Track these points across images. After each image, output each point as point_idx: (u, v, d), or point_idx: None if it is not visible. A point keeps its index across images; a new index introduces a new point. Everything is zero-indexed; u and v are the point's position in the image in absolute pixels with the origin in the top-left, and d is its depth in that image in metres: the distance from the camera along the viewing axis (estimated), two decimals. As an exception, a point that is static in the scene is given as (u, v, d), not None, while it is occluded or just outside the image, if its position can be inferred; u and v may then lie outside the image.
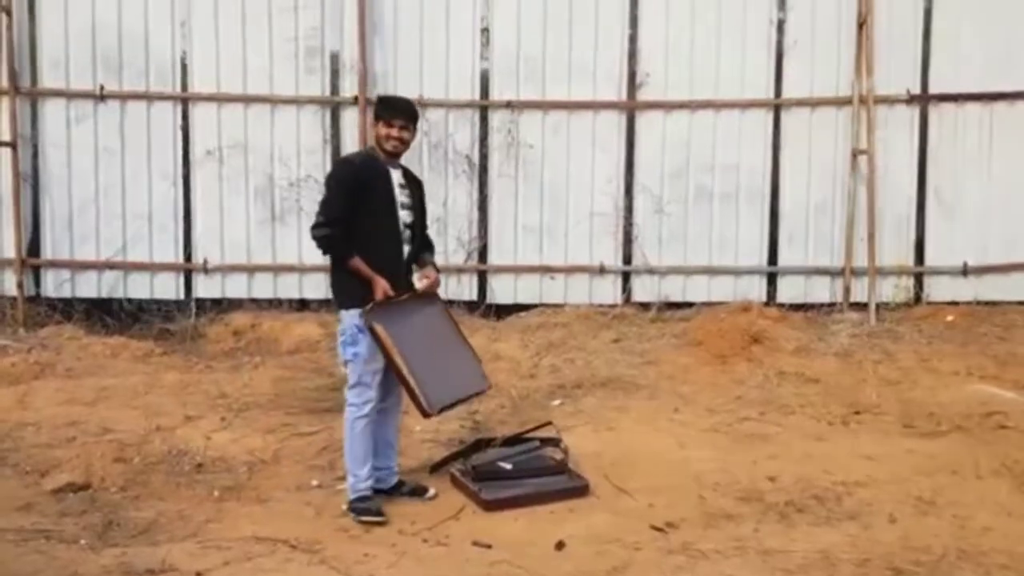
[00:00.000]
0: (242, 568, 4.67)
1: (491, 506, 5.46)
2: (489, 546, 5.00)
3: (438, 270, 5.73)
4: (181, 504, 5.52)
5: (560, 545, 5.01)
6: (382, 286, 5.17)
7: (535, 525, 5.29)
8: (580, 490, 5.71)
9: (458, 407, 5.74)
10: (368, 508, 5.31)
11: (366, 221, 5.23)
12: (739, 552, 4.92)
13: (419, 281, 5.55)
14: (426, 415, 5.31)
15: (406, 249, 5.45)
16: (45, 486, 5.70)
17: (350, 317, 5.27)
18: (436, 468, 5.99)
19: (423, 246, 5.66)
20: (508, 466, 5.78)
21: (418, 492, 5.66)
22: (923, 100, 9.69)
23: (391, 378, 5.38)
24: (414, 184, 5.61)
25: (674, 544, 5.03)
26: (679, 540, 5.08)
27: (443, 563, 4.80)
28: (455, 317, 8.72)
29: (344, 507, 5.39)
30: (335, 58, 9.72)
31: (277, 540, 5.00)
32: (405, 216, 5.43)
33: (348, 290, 5.31)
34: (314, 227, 5.30)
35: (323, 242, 5.32)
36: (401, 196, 5.43)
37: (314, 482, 5.87)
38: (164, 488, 5.74)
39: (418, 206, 5.57)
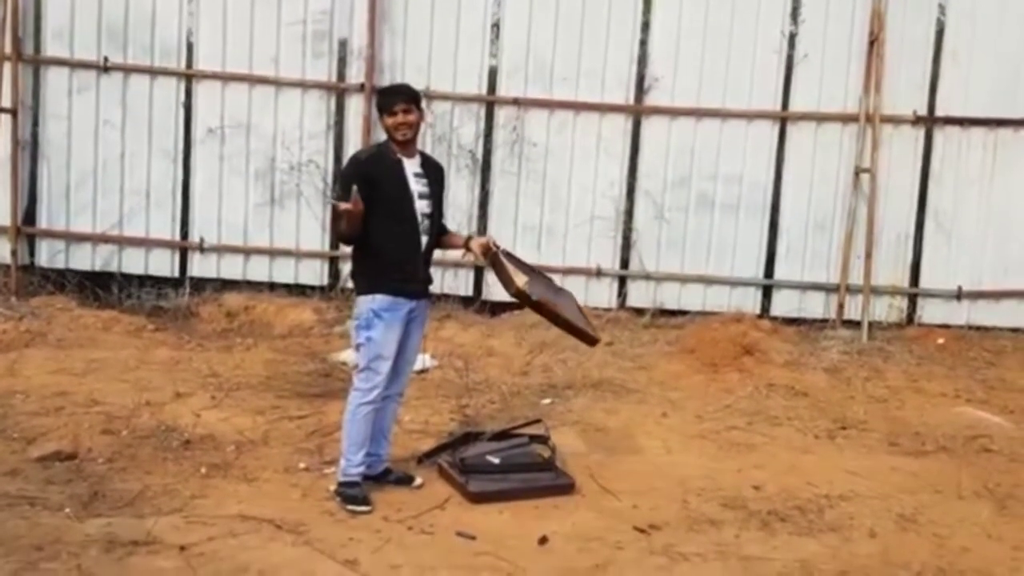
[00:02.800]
0: (226, 545, 4.76)
1: (477, 498, 5.56)
2: (473, 537, 5.10)
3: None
4: (168, 479, 5.58)
5: (543, 540, 5.11)
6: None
7: (519, 519, 5.38)
8: (566, 488, 5.81)
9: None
10: (355, 496, 5.38)
11: (381, 214, 5.25)
12: (720, 557, 5.03)
13: (476, 247, 5.58)
14: (596, 342, 6.03)
15: (424, 240, 5.47)
16: (31, 453, 5.76)
17: (366, 302, 5.35)
18: (424, 459, 6.08)
19: (442, 232, 5.71)
20: (496, 460, 5.86)
21: (405, 481, 5.75)
22: (929, 122, 9.82)
23: (399, 367, 5.50)
24: (432, 172, 5.61)
25: (656, 546, 5.13)
26: (661, 542, 5.17)
27: (427, 551, 4.90)
28: (450, 312, 8.93)
29: (332, 488, 5.48)
30: (343, 44, 9.76)
31: (262, 519, 5.08)
32: (423, 206, 5.44)
33: (366, 274, 5.40)
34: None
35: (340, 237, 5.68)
36: (417, 186, 5.44)
37: (302, 465, 5.94)
38: (151, 462, 5.80)
39: (437, 194, 5.59)
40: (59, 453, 5.77)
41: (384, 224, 5.28)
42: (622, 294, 9.98)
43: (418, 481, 5.77)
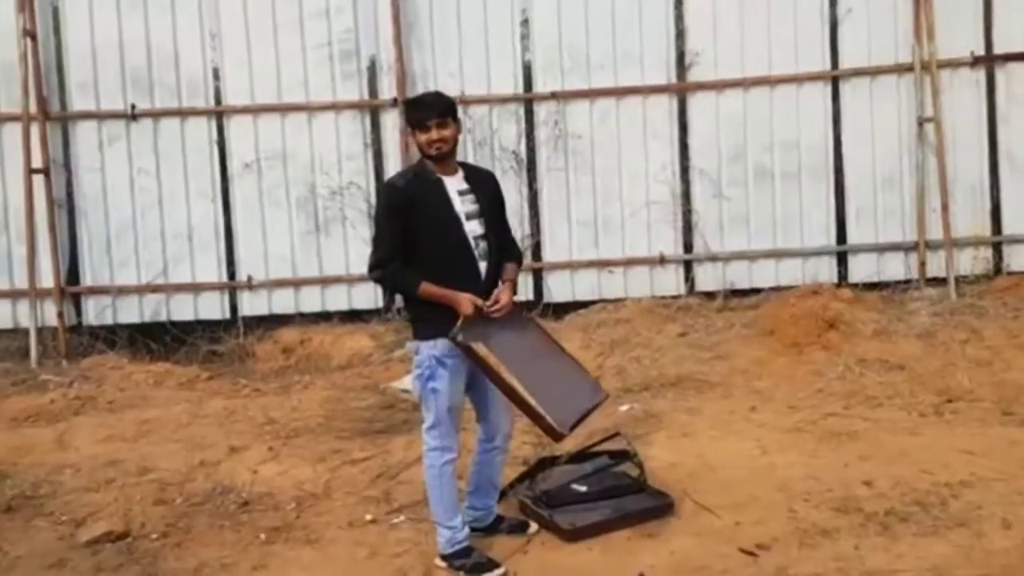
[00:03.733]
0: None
1: (572, 536, 4.76)
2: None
3: (515, 286, 4.69)
4: (225, 550, 4.88)
5: (642, 579, 4.34)
6: (467, 299, 4.33)
7: (612, 555, 4.62)
8: (665, 508, 4.99)
9: (583, 424, 4.82)
10: (481, 564, 4.54)
11: (428, 245, 4.38)
12: (841, 574, 4.26)
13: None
14: (558, 437, 4.54)
15: (483, 266, 4.49)
16: (80, 537, 5.08)
17: (428, 348, 4.43)
18: (502, 495, 5.25)
19: (504, 255, 4.65)
20: (583, 489, 5.10)
21: (519, 528, 4.92)
22: (988, 61, 9.18)
23: (492, 415, 4.68)
24: (481, 184, 4.62)
25: (767, 569, 4.36)
26: (772, 564, 4.39)
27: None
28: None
29: (438, 562, 4.64)
30: (372, 60, 9.26)
31: (327, 587, 4.38)
32: (474, 227, 4.47)
33: (424, 317, 4.47)
34: (369, 270, 4.52)
35: (383, 284, 4.73)
36: (464, 206, 4.48)
37: (368, 516, 5.19)
38: (207, 532, 5.10)
39: (489, 209, 4.58)
40: (110, 533, 5.09)
41: (433, 255, 4.39)
42: (689, 279, 9.32)
43: (533, 528, 4.91)
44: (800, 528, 4.74)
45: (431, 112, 4.44)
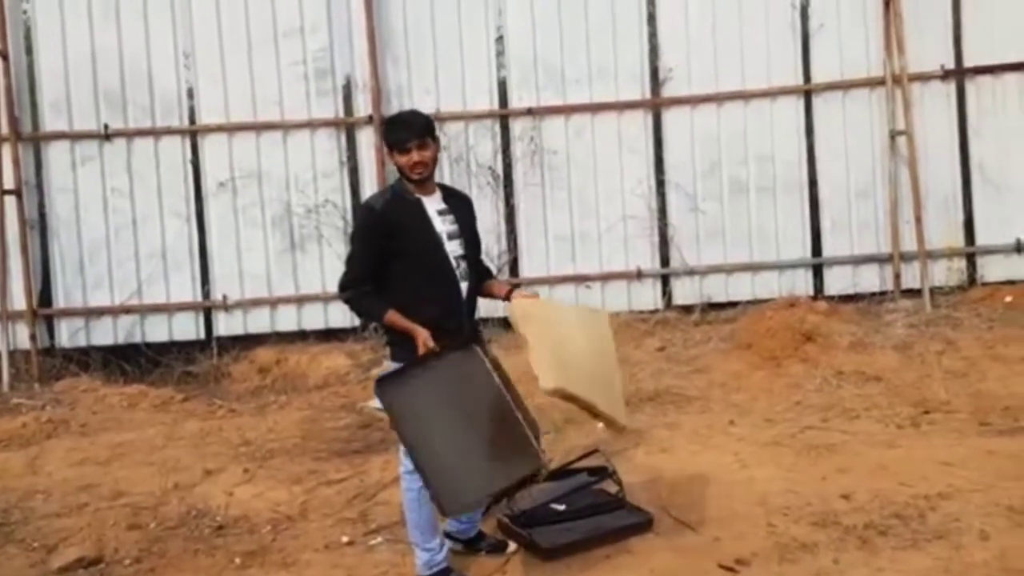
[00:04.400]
0: (265, 652, 3.94)
1: (550, 555, 4.67)
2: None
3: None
4: (199, 575, 4.76)
5: (622, 598, 4.23)
6: (423, 338, 4.18)
7: (591, 573, 4.52)
8: (644, 525, 4.92)
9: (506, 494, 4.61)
10: None
11: (408, 266, 4.27)
12: (820, 589, 4.17)
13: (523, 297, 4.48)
14: (443, 514, 4.29)
15: (464, 286, 4.40)
16: (52, 564, 4.93)
17: None
18: (483, 514, 5.16)
19: (483, 275, 4.64)
20: (560, 507, 5.02)
21: (498, 548, 4.83)
22: (959, 74, 9.16)
23: None
24: (459, 205, 4.54)
25: (748, 586, 4.26)
26: (752, 580, 4.31)
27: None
28: (491, 337, 7.97)
29: None
30: (347, 78, 9.15)
31: (304, 613, 4.25)
32: (454, 248, 4.39)
33: (401, 340, 4.32)
34: (340, 289, 4.44)
35: (350, 306, 4.53)
36: (444, 226, 4.40)
37: (344, 538, 5.08)
38: (181, 557, 4.97)
39: (468, 230, 4.52)
40: (82, 560, 4.94)
41: (414, 277, 4.26)
42: (666, 293, 9.25)
43: (512, 548, 4.83)
44: (780, 543, 4.66)
45: (411, 134, 4.32)
